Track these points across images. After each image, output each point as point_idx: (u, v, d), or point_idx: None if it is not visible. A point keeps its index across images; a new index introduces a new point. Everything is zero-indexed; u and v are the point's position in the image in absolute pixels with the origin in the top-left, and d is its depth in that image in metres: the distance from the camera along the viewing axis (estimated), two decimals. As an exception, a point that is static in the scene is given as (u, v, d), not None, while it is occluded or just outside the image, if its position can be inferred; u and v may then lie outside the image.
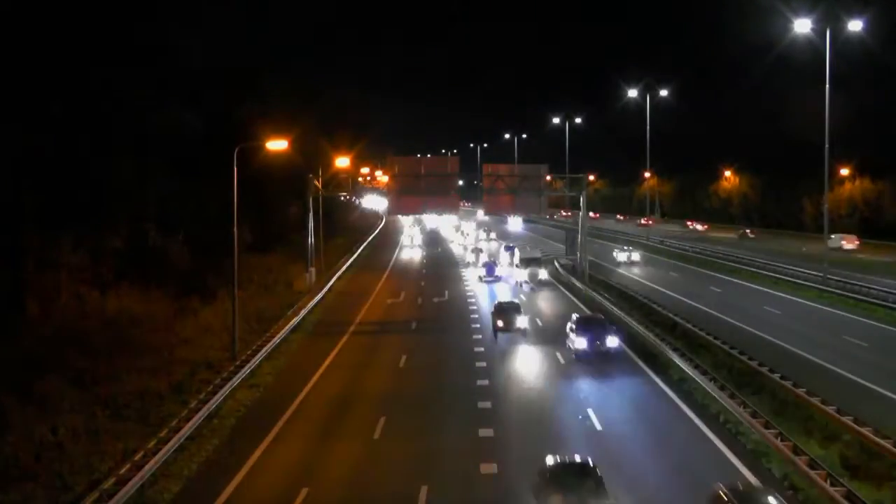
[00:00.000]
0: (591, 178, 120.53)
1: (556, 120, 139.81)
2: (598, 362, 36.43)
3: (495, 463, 24.36)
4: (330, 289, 61.89)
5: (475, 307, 53.70)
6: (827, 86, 59.61)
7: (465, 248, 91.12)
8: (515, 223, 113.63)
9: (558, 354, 38.89)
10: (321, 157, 73.98)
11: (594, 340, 37.05)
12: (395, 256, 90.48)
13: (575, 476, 19.88)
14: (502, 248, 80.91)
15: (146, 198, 50.09)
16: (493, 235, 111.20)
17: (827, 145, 60.73)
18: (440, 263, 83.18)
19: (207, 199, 54.85)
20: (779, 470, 23.33)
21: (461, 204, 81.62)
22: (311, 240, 65.14)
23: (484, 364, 37.45)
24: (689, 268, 77.58)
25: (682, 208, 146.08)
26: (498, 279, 67.55)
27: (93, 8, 44.42)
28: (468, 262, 79.24)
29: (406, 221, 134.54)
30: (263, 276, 61.69)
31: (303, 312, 49.55)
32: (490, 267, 69.35)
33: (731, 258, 79.77)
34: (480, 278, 68.20)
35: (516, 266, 70.63)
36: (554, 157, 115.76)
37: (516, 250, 74.37)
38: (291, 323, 45.93)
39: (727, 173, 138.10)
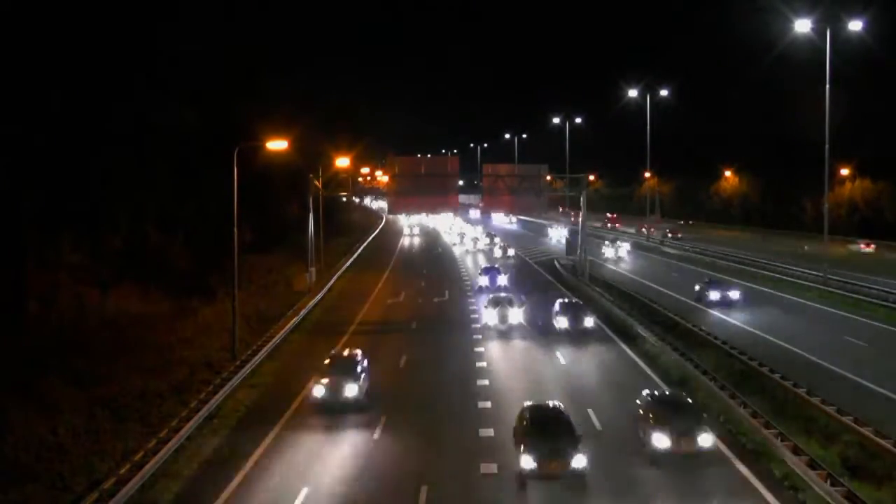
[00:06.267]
0: (591, 178, 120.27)
1: (556, 120, 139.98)
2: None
3: (495, 463, 24.41)
4: (330, 289, 61.87)
5: (475, 307, 53.66)
6: (827, 86, 59.64)
7: None
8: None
9: (558, 354, 38.97)
10: (321, 157, 73.89)
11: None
12: (395, 256, 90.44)
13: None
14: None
15: (146, 198, 50.07)
16: None
17: (827, 145, 60.73)
18: (440, 262, 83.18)
19: (207, 199, 54.82)
20: (780, 470, 23.37)
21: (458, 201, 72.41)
22: (311, 240, 65.13)
23: (484, 364, 37.45)
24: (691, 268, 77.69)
25: (682, 208, 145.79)
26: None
27: (93, 8, 44.46)
28: None
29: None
30: (263, 276, 61.63)
31: (303, 312, 49.55)
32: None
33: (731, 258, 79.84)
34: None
35: None
36: (554, 157, 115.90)
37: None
38: (292, 323, 45.93)
39: (727, 173, 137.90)
